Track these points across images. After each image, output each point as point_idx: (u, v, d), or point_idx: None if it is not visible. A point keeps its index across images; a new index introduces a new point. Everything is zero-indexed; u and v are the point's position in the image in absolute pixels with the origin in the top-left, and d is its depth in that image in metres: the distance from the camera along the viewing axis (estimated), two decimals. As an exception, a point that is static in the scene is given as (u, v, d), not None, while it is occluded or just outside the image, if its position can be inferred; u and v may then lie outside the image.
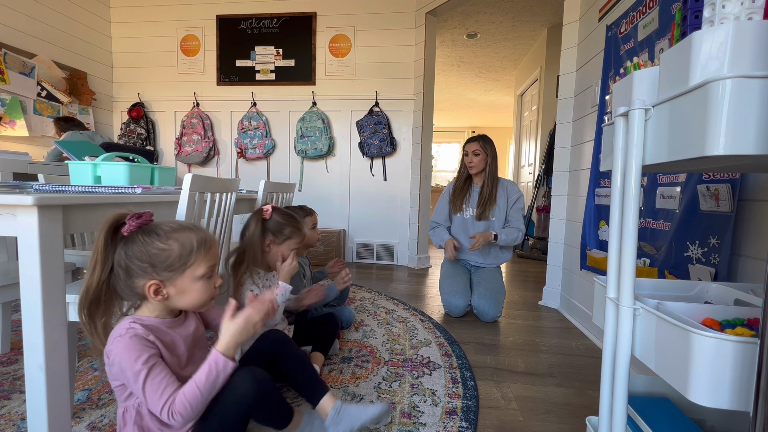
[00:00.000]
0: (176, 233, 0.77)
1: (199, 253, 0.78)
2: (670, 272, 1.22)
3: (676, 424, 0.69)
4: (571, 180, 2.14)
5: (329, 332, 1.43)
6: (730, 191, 1.00)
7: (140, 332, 0.74)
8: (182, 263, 0.76)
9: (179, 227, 0.79)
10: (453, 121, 8.18)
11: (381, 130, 3.24)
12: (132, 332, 0.74)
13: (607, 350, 0.69)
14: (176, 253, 0.76)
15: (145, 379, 0.71)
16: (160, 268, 0.75)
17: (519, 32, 4.01)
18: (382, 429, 1.05)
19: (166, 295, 0.77)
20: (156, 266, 0.75)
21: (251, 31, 3.39)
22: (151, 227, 0.77)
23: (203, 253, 0.79)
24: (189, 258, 0.77)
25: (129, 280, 0.75)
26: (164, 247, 0.75)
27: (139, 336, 0.74)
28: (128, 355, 0.71)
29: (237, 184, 1.32)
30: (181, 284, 0.77)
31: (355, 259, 3.46)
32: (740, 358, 0.49)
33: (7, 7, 2.70)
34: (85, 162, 1.24)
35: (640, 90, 0.63)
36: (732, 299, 0.73)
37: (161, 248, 0.75)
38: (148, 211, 0.77)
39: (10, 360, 1.39)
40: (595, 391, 1.29)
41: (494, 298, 1.92)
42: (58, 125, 2.71)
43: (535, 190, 4.06)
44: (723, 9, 0.52)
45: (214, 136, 3.48)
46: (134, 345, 0.72)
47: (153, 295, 0.75)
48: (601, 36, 1.84)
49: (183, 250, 0.76)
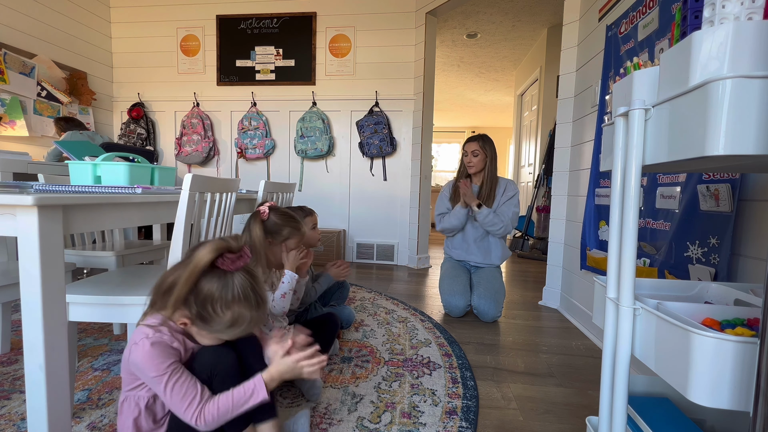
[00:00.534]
0: (237, 305, 0.77)
1: (238, 331, 0.80)
2: (670, 272, 1.22)
3: (676, 424, 0.69)
4: (571, 180, 2.14)
5: (329, 332, 1.43)
6: (730, 191, 1.00)
7: (166, 338, 0.77)
8: (218, 331, 0.79)
9: (244, 298, 0.78)
10: (453, 121, 8.18)
11: (381, 130, 3.24)
12: (158, 336, 0.76)
13: (607, 350, 0.69)
14: (223, 323, 0.77)
15: (166, 383, 0.73)
16: (201, 321, 0.77)
17: (519, 32, 4.01)
18: (383, 429, 1.05)
19: (188, 328, 0.80)
20: (200, 318, 0.77)
21: (251, 31, 3.39)
22: (230, 275, 0.77)
23: (241, 331, 0.81)
24: (228, 332, 0.79)
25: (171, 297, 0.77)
26: (218, 314, 0.76)
27: (163, 343, 0.76)
28: (150, 359, 0.73)
29: (237, 184, 1.32)
30: (206, 334, 0.81)
31: (355, 259, 3.45)
32: (740, 358, 0.49)
33: (7, 7, 2.70)
34: (85, 162, 1.24)
35: (640, 90, 0.63)
36: (732, 299, 0.73)
37: (216, 312, 0.76)
38: (247, 251, 0.78)
39: (10, 360, 1.39)
40: (595, 391, 1.29)
41: (494, 298, 1.92)
42: (59, 125, 2.71)
43: (535, 190, 4.06)
44: (723, 9, 0.52)
45: (214, 136, 3.48)
46: (157, 351, 0.74)
47: (179, 323, 0.78)
48: (601, 36, 1.84)
49: (230, 324, 0.78)
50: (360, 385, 1.27)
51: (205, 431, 0.76)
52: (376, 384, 1.28)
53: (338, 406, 1.15)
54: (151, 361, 0.73)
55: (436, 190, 5.87)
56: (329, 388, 1.26)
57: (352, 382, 1.29)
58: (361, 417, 1.10)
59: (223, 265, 0.76)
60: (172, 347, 0.77)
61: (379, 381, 1.30)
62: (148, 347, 0.74)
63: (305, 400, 1.18)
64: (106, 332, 1.67)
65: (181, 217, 0.99)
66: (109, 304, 0.98)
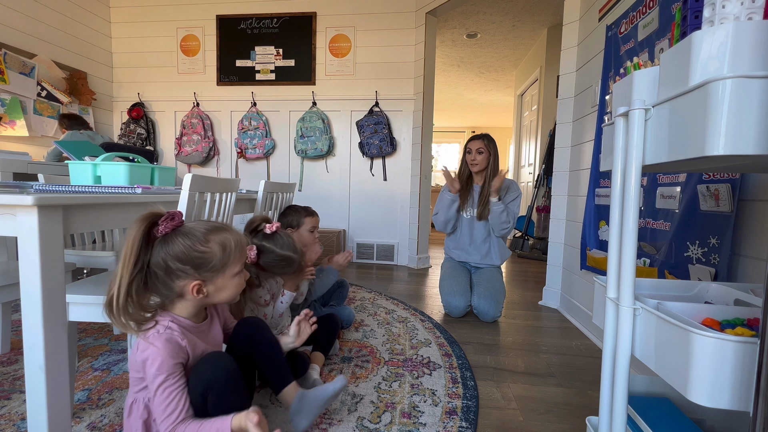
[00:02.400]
0: (213, 235, 0.81)
1: (236, 253, 0.83)
2: (670, 272, 1.22)
3: (676, 424, 0.69)
4: (571, 180, 2.14)
5: (329, 332, 1.43)
6: (730, 191, 1.00)
7: (176, 336, 0.78)
8: (222, 264, 0.81)
9: (213, 228, 0.82)
10: (453, 121, 8.18)
11: (381, 130, 3.24)
12: (169, 333, 0.77)
13: (607, 350, 0.69)
14: (218, 255, 0.80)
15: (160, 384, 0.74)
16: (203, 269, 0.79)
17: (519, 32, 4.01)
18: (383, 429, 1.05)
19: (206, 293, 0.81)
20: (199, 268, 0.78)
21: (251, 31, 3.39)
22: (186, 229, 0.79)
23: (239, 252, 0.84)
24: (228, 258, 0.81)
25: (169, 281, 0.78)
26: (206, 250, 0.79)
27: (173, 341, 0.77)
28: (156, 358, 0.74)
29: (237, 184, 1.32)
30: (221, 282, 0.82)
31: (355, 259, 3.45)
32: (740, 358, 0.49)
33: (7, 7, 2.70)
34: (85, 162, 1.24)
35: (640, 90, 0.63)
36: (732, 299, 0.73)
37: (203, 251, 0.78)
38: (179, 211, 0.79)
39: (10, 360, 1.39)
40: (595, 391, 1.29)
41: (494, 298, 1.92)
42: (62, 123, 2.71)
43: (535, 190, 4.06)
44: (723, 9, 0.52)
45: (214, 136, 3.48)
46: (165, 350, 0.75)
47: (195, 294, 0.79)
48: (601, 36, 1.84)
49: (223, 251, 0.80)
50: (360, 385, 1.27)
51: None
52: (376, 384, 1.28)
53: (338, 406, 1.15)
54: (156, 357, 0.74)
55: (436, 190, 5.86)
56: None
57: (352, 382, 1.29)
58: (361, 417, 1.10)
59: (164, 229, 0.76)
60: (180, 345, 0.78)
61: (379, 381, 1.30)
62: (158, 342, 0.75)
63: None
64: (106, 332, 1.67)
65: None
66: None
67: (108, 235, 1.96)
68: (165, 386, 0.74)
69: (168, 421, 0.74)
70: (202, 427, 0.75)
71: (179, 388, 0.76)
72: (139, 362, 0.76)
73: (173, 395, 0.75)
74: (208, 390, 0.78)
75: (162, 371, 0.74)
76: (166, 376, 0.74)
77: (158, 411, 0.74)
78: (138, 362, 0.76)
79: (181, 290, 0.79)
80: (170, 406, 0.74)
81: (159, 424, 0.74)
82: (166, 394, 0.74)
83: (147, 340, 0.76)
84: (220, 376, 0.79)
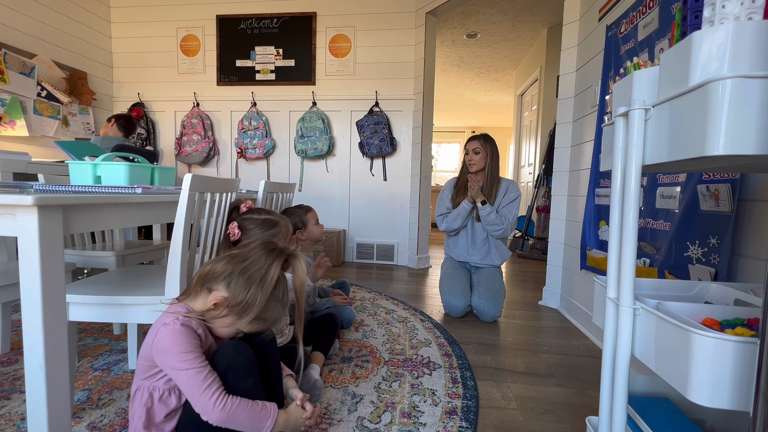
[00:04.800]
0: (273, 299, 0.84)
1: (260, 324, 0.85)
2: (670, 272, 1.22)
3: (676, 424, 0.69)
4: (571, 180, 2.14)
5: (329, 332, 1.43)
6: (730, 191, 1.00)
7: (193, 324, 0.80)
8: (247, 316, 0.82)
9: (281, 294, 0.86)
10: (453, 121, 8.18)
11: (381, 130, 3.24)
12: (187, 320, 0.79)
13: (607, 350, 0.69)
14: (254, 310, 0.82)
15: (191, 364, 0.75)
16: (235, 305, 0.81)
17: (519, 32, 4.01)
18: (383, 429, 1.05)
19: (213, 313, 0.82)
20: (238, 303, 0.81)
21: (251, 31, 3.39)
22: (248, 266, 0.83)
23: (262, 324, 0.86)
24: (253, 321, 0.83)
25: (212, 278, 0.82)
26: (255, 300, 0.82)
27: (191, 327, 0.79)
28: (178, 339, 0.76)
29: (237, 184, 1.31)
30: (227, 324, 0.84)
31: (355, 259, 3.46)
32: (740, 358, 0.49)
33: (7, 7, 2.70)
34: (85, 162, 1.24)
35: (640, 90, 0.63)
36: (732, 299, 0.73)
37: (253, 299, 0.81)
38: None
39: (10, 360, 1.39)
40: (595, 391, 1.29)
41: (494, 298, 1.92)
42: (119, 123, 2.50)
43: (535, 190, 4.06)
44: (723, 9, 0.52)
45: (214, 136, 3.48)
46: (184, 334, 0.77)
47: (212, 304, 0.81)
48: (601, 36, 1.84)
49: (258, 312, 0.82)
50: (360, 385, 1.27)
51: (214, 423, 0.76)
52: (376, 384, 1.28)
53: (338, 406, 1.15)
54: (179, 341, 0.75)
55: (436, 190, 5.86)
56: (329, 388, 1.25)
57: (352, 382, 1.29)
58: (361, 417, 1.10)
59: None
60: (197, 333, 0.80)
61: (379, 381, 1.30)
62: (179, 327, 0.77)
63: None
64: (106, 332, 1.67)
65: (180, 218, 0.98)
66: (109, 304, 0.98)
67: (108, 235, 1.96)
68: (196, 364, 0.76)
69: (209, 392, 0.75)
70: (253, 405, 0.79)
71: (207, 365, 0.78)
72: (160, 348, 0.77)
73: (206, 370, 0.77)
74: (229, 370, 0.81)
75: (188, 349, 0.76)
76: (194, 355, 0.76)
77: (196, 388, 0.75)
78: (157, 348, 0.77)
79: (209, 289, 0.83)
80: (208, 377, 0.76)
81: (202, 397, 0.75)
82: (198, 370, 0.75)
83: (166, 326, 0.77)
84: (241, 359, 0.82)
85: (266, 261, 0.83)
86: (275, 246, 0.87)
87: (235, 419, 0.77)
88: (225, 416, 0.76)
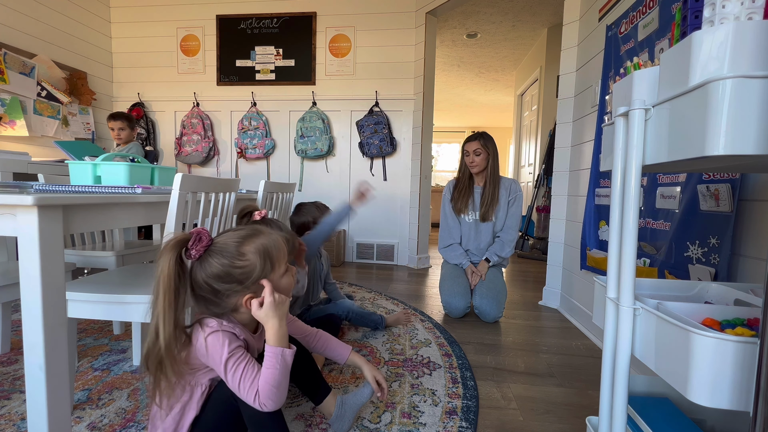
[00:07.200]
0: (247, 245, 0.78)
1: (277, 255, 0.81)
2: (670, 272, 1.22)
3: (676, 424, 0.69)
4: (571, 180, 2.14)
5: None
6: (730, 191, 1.00)
7: (237, 330, 0.79)
8: (266, 271, 0.78)
9: (245, 238, 0.79)
10: (453, 121, 8.18)
11: (381, 130, 3.23)
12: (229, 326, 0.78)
13: (607, 350, 0.69)
14: (259, 264, 0.77)
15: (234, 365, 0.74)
16: (248, 282, 0.77)
17: (519, 32, 4.01)
18: (383, 429, 1.05)
19: (262, 300, 0.78)
20: (244, 282, 0.77)
21: (251, 31, 3.39)
22: (218, 247, 0.77)
23: (279, 252, 0.81)
24: (270, 263, 0.79)
25: (219, 300, 0.77)
26: (245, 263, 0.76)
27: (228, 331, 0.77)
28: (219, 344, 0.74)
29: (237, 184, 1.31)
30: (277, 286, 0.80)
31: (355, 259, 3.46)
32: (740, 358, 0.49)
33: (7, 7, 2.70)
34: (85, 162, 1.24)
35: (640, 90, 0.63)
36: (732, 299, 0.73)
37: (242, 265, 0.76)
38: (203, 229, 0.77)
39: (10, 360, 1.39)
40: (595, 391, 1.29)
41: (496, 298, 1.92)
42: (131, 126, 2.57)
43: (535, 190, 4.06)
44: (723, 9, 0.52)
45: (214, 136, 3.48)
46: (225, 336, 0.75)
47: (250, 306, 0.77)
48: (601, 36, 1.84)
49: (263, 259, 0.78)
50: (360, 385, 1.27)
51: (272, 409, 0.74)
52: (376, 384, 1.28)
53: (338, 406, 1.15)
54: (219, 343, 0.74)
55: (436, 190, 5.87)
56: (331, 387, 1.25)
57: (352, 382, 1.29)
58: (361, 417, 1.10)
59: (197, 253, 0.75)
60: (237, 337, 0.78)
61: (379, 381, 1.30)
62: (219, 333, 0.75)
63: (305, 399, 1.17)
64: (106, 332, 1.67)
65: (171, 218, 0.98)
66: (110, 302, 0.99)
67: (108, 235, 1.96)
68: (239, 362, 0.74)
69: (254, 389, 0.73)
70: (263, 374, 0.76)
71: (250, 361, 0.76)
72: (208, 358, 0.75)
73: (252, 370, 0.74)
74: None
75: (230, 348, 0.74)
76: (239, 355, 0.74)
77: (245, 388, 0.73)
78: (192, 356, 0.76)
79: (234, 306, 0.78)
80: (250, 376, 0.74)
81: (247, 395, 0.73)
82: (247, 372, 0.74)
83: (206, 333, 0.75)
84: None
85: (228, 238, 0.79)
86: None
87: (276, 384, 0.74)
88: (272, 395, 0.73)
